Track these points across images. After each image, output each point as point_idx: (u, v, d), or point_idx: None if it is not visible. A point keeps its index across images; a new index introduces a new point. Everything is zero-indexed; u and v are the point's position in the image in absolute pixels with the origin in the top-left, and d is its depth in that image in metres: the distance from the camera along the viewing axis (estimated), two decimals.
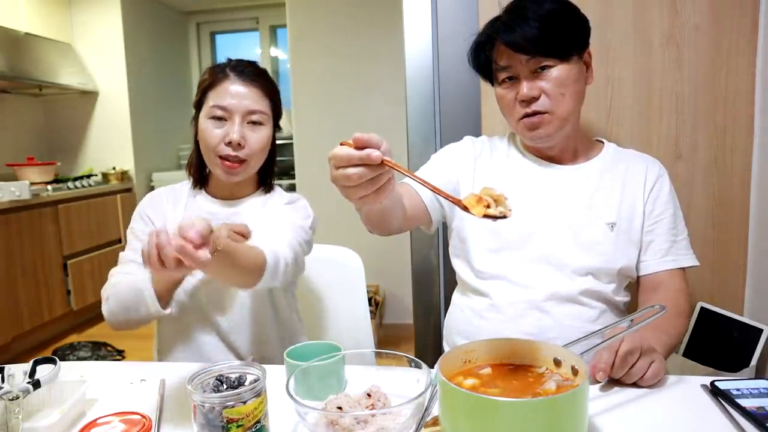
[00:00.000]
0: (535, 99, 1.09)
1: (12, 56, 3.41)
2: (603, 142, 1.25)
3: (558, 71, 1.08)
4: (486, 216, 0.72)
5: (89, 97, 4.12)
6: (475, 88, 1.59)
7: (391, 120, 3.06)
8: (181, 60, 4.98)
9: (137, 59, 4.21)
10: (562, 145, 1.18)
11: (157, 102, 4.49)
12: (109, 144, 4.16)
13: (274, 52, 4.98)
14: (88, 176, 3.80)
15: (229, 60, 1.25)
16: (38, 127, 4.13)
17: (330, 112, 3.23)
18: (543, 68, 1.08)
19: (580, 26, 1.12)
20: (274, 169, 1.34)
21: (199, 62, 5.09)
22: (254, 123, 1.20)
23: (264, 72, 1.26)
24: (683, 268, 1.17)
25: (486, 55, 1.15)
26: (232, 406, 0.69)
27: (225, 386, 0.73)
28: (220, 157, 1.18)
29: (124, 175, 4.08)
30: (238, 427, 0.69)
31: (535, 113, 1.10)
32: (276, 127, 1.28)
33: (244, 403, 0.70)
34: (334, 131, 3.17)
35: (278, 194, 1.33)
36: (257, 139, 1.20)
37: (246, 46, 5.09)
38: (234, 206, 1.27)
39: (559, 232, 1.14)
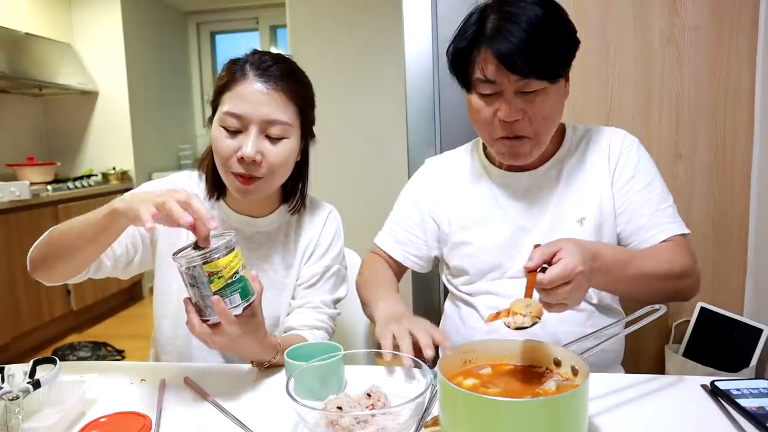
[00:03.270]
0: (517, 121, 1.00)
1: (12, 56, 3.41)
2: (564, 125, 1.16)
3: (545, 94, 0.99)
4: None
5: (89, 97, 4.12)
6: None
7: (391, 120, 3.06)
8: (181, 60, 4.99)
9: (137, 59, 4.21)
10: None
11: (157, 102, 4.49)
12: (109, 144, 4.16)
13: (273, 52, 4.98)
14: (88, 176, 3.80)
15: (254, 51, 1.05)
16: (38, 127, 4.13)
17: (330, 112, 3.22)
18: (530, 91, 0.98)
19: (571, 39, 1.02)
20: (305, 188, 1.14)
21: (199, 62, 5.09)
22: (274, 136, 0.99)
23: (292, 70, 1.04)
24: (682, 235, 1.05)
25: (467, 58, 1.02)
26: (209, 261, 0.79)
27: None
28: (233, 173, 1.00)
29: (124, 176, 4.07)
30: (219, 278, 0.79)
31: (516, 137, 1.02)
32: (308, 135, 1.09)
33: (218, 258, 0.79)
34: (334, 131, 3.17)
35: (308, 211, 1.17)
36: (278, 153, 0.99)
37: (246, 47, 5.08)
38: (253, 225, 1.12)
39: (534, 244, 1.10)
